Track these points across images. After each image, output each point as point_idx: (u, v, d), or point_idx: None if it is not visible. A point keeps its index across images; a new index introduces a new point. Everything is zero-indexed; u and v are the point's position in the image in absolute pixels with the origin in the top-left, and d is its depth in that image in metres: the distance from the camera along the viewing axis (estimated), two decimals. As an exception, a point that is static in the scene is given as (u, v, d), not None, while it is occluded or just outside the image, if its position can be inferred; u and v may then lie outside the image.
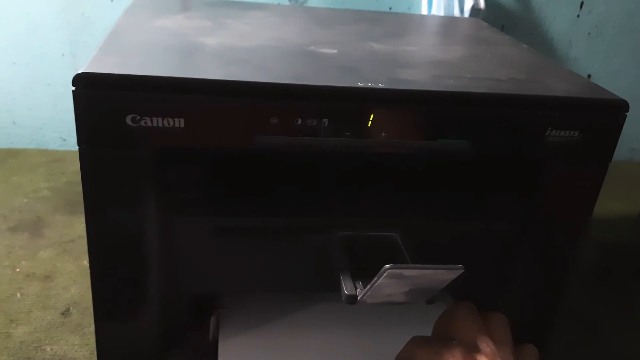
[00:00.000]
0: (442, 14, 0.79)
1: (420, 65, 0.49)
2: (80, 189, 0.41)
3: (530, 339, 0.56)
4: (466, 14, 0.75)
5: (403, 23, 0.64)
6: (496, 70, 0.49)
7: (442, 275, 0.38)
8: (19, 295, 0.58)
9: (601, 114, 0.45)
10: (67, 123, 0.88)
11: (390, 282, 0.37)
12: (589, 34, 0.92)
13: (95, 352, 0.49)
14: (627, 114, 0.46)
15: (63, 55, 0.84)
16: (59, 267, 0.63)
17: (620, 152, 1.04)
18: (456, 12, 0.76)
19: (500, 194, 0.49)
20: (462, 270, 0.38)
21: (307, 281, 0.49)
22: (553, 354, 0.58)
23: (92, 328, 0.50)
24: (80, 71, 0.38)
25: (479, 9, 0.74)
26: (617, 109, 0.45)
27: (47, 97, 0.86)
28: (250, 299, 0.55)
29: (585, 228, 0.49)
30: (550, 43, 0.91)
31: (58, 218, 0.71)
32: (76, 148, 0.40)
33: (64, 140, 0.89)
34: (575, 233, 0.49)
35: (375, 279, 0.37)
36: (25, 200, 0.74)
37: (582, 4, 0.89)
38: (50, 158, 0.85)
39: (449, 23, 0.66)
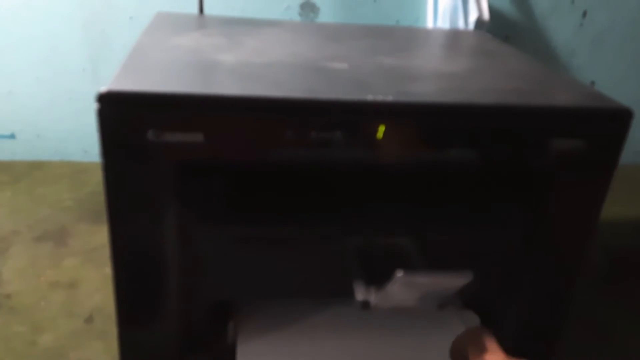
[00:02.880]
0: (447, 25, 0.81)
1: (428, 78, 0.50)
2: (102, 198, 0.44)
3: (541, 344, 0.57)
4: (471, 26, 0.76)
5: (410, 37, 0.66)
6: (501, 81, 0.51)
7: (452, 281, 0.39)
8: (43, 303, 0.61)
9: (605, 123, 0.46)
10: (89, 135, 0.91)
11: (402, 288, 0.39)
12: (592, 41, 0.93)
13: (118, 358, 0.51)
14: (631, 121, 0.46)
15: (84, 70, 0.87)
16: (83, 275, 0.65)
17: (624, 156, 1.04)
18: (461, 24, 0.78)
19: (507, 202, 0.50)
20: (471, 277, 0.40)
21: (322, 288, 0.50)
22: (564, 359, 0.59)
23: (115, 334, 0.52)
24: (103, 89, 0.40)
25: (484, 21, 0.75)
26: (621, 116, 0.46)
27: (69, 110, 0.90)
28: (267, 304, 0.57)
29: (593, 235, 0.50)
30: (553, 52, 0.92)
31: (82, 227, 0.73)
32: (98, 159, 0.42)
33: (86, 151, 0.92)
34: (582, 240, 0.50)
35: (388, 285, 0.39)
36: (50, 210, 0.77)
37: (585, 12, 0.90)
38: (73, 169, 0.88)
39: (454, 36, 0.68)
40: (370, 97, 0.43)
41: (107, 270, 0.66)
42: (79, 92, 0.88)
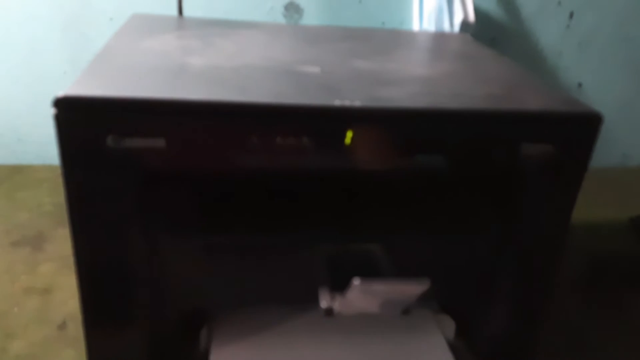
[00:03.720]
0: (433, 28, 0.80)
1: (401, 83, 0.50)
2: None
3: (515, 350, 0.56)
4: (456, 28, 0.75)
5: (391, 40, 0.65)
6: (474, 86, 0.50)
7: (410, 288, 0.39)
8: (16, 309, 0.60)
9: (575, 127, 0.45)
10: (70, 139, 0.90)
11: (361, 295, 0.38)
12: (579, 44, 0.92)
13: (88, 366, 0.50)
14: (600, 125, 0.46)
15: (65, 73, 0.86)
16: (58, 281, 0.64)
17: (612, 159, 1.04)
18: (446, 26, 0.77)
19: (478, 207, 0.50)
20: (429, 285, 0.39)
21: (290, 295, 0.50)
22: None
23: (86, 342, 0.51)
24: (60, 94, 0.39)
25: (469, 23, 0.74)
26: (590, 121, 0.45)
27: (50, 113, 0.89)
28: (240, 311, 0.56)
29: (564, 238, 0.50)
30: (540, 53, 0.92)
31: (60, 232, 0.73)
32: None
33: (67, 155, 0.91)
34: (554, 242, 0.50)
35: (347, 292, 0.38)
36: (28, 215, 0.77)
37: (571, 14, 0.89)
38: (55, 173, 0.87)
39: (436, 39, 0.67)
40: (337, 102, 0.42)
41: (83, 276, 0.65)
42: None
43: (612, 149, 1.03)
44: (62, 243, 0.71)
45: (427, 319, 0.58)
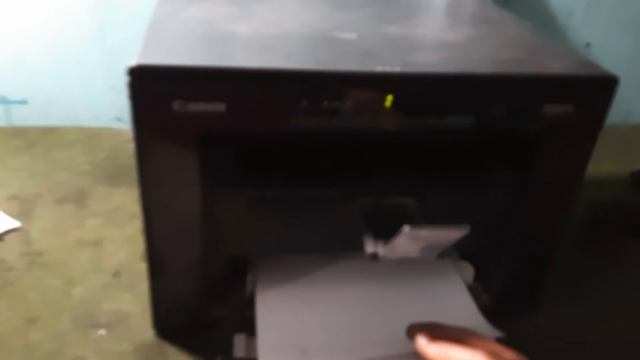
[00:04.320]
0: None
1: (432, 48, 0.54)
2: (118, 162, 0.47)
3: (525, 291, 0.63)
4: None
5: (413, 4, 0.68)
6: (500, 50, 0.54)
7: (452, 234, 0.44)
8: (72, 260, 0.65)
9: (592, 89, 0.50)
10: (98, 101, 0.94)
11: (407, 241, 0.43)
12: (588, 4, 0.95)
13: (147, 307, 0.56)
14: (616, 87, 0.50)
15: (92, 38, 0.89)
16: (106, 234, 0.70)
17: (616, 116, 1.09)
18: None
19: (501, 163, 0.54)
20: (467, 231, 0.44)
21: (335, 244, 0.55)
22: (544, 307, 0.64)
23: (142, 287, 0.57)
24: (133, 63, 0.43)
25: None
26: (606, 83, 0.50)
27: (78, 76, 0.92)
28: (282, 259, 0.62)
29: (577, 193, 0.55)
30: (552, 14, 0.95)
31: (100, 190, 0.77)
32: (109, 124, 0.46)
33: (97, 117, 0.95)
34: (568, 197, 0.55)
35: (396, 239, 0.43)
36: (67, 174, 0.81)
37: (584, -25, 0.92)
38: (86, 134, 0.91)
39: (455, 2, 0.70)
40: (379, 69, 0.46)
41: (128, 229, 0.71)
42: (87, 59, 0.91)
43: (616, 106, 1.07)
44: (104, 199, 0.76)
45: (449, 266, 0.64)
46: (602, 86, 0.50)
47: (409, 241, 0.44)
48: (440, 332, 0.47)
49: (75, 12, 0.87)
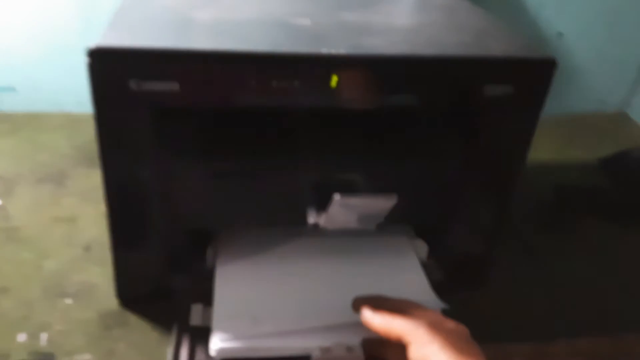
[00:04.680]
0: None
1: (382, 33, 0.56)
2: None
3: (478, 264, 0.65)
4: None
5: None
6: (448, 35, 0.57)
7: (381, 203, 0.47)
8: (46, 235, 0.69)
9: (531, 71, 0.52)
10: (82, 88, 0.96)
11: (341, 210, 0.46)
12: (561, -6, 0.97)
13: (112, 279, 0.59)
14: (555, 70, 0.52)
15: (76, 27, 0.92)
16: (81, 211, 0.73)
17: (589, 104, 1.11)
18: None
19: (447, 139, 0.57)
20: (396, 199, 0.47)
21: (283, 216, 0.58)
22: (496, 283, 0.67)
23: (110, 260, 0.60)
24: (93, 45, 0.46)
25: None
26: (545, 65, 0.52)
27: (63, 64, 0.95)
28: (242, 232, 0.65)
29: (519, 172, 0.57)
30: (523, 4, 0.97)
31: (79, 171, 0.81)
32: (91, 110, 0.49)
33: (80, 103, 0.98)
34: (510, 176, 0.58)
35: (330, 207, 0.46)
36: (49, 156, 0.84)
37: (553, -36, 0.94)
38: (69, 120, 0.95)
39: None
40: (324, 50, 0.49)
41: (102, 207, 0.73)
42: (72, 47, 0.93)
43: (589, 95, 1.10)
44: (81, 180, 0.79)
45: (404, 243, 0.67)
46: (541, 68, 0.52)
47: (343, 210, 0.46)
48: (384, 304, 0.50)
49: (61, 2, 0.90)
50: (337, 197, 0.45)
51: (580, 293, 0.68)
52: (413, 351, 0.44)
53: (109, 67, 0.47)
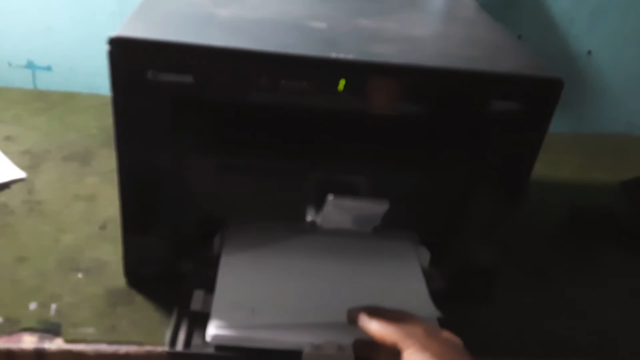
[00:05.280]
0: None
1: (395, 41, 0.57)
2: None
3: (482, 279, 0.66)
4: (468, -9, 0.81)
5: (399, 1, 0.72)
6: (459, 47, 0.58)
7: (374, 207, 0.48)
8: (66, 211, 0.72)
9: (538, 89, 0.53)
10: (115, 72, 1.01)
11: (335, 210, 0.48)
12: (592, 12, 0.96)
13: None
14: (562, 90, 0.53)
15: (113, 12, 0.96)
16: (101, 191, 0.76)
17: (616, 125, 1.09)
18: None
19: (453, 150, 0.58)
20: (388, 205, 0.48)
21: (286, 211, 0.60)
22: (502, 297, 0.67)
23: (122, 240, 0.63)
24: (113, 34, 0.49)
25: (480, -14, 0.80)
26: (553, 85, 0.53)
27: (99, 48, 0.98)
28: (249, 225, 0.67)
29: (524, 190, 0.58)
30: (552, 20, 0.96)
31: (103, 152, 0.84)
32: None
33: (112, 87, 1.02)
34: (515, 193, 0.58)
35: (324, 206, 0.48)
36: (77, 135, 0.88)
37: (586, -17, 0.94)
38: (100, 101, 0.98)
39: (442, 3, 0.74)
40: (333, 55, 0.51)
41: (122, 189, 0.77)
42: (108, 32, 0.97)
43: (617, 115, 1.08)
44: (105, 161, 0.82)
45: (408, 249, 0.68)
46: (548, 87, 0.53)
47: (337, 211, 0.48)
48: (381, 313, 0.51)
49: (99, -14, 0.94)
50: (330, 197, 0.46)
51: (587, 318, 0.67)
52: (407, 357, 0.46)
53: (128, 56, 0.50)
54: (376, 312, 0.51)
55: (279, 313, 0.57)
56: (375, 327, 0.50)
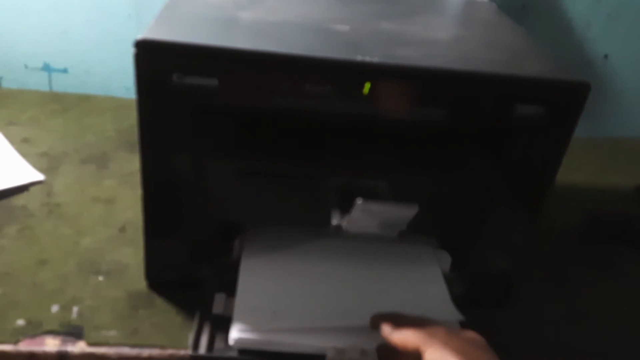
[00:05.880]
0: (463, -7, 0.86)
1: (418, 44, 0.57)
2: (140, 131, 0.53)
3: (501, 284, 0.65)
4: (487, -6, 0.81)
5: (419, 4, 0.72)
6: (482, 51, 0.57)
7: (403, 211, 0.48)
8: (85, 213, 0.72)
9: (564, 93, 0.52)
10: (131, 74, 1.00)
11: (362, 214, 0.48)
12: (608, 15, 0.96)
13: (143, 261, 0.62)
14: (588, 93, 0.52)
15: (129, 15, 0.96)
16: (119, 194, 0.76)
17: (632, 129, 1.09)
18: (477, -8, 0.82)
19: (476, 154, 0.58)
20: (416, 210, 0.48)
21: (308, 216, 0.60)
22: (521, 303, 0.67)
23: (143, 243, 0.62)
24: (140, 37, 0.49)
25: (499, -11, 0.80)
26: (579, 89, 0.52)
27: (114, 51, 1.00)
28: (269, 230, 0.67)
29: (547, 193, 0.57)
30: (568, 23, 0.96)
31: (120, 155, 0.84)
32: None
33: (128, 89, 1.02)
34: (538, 194, 0.58)
35: (352, 211, 0.48)
36: (94, 138, 0.88)
37: (603, -14, 0.93)
38: (116, 104, 0.99)
39: (461, 5, 0.73)
40: (358, 58, 0.51)
41: (140, 191, 0.77)
42: (124, 35, 0.98)
43: (633, 119, 1.08)
44: (122, 163, 0.83)
45: (428, 253, 0.67)
46: (574, 92, 0.52)
47: (364, 215, 0.48)
48: (403, 320, 0.51)
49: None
50: (359, 201, 0.46)
51: (606, 324, 0.67)
52: (427, 356, 0.46)
53: (154, 59, 0.50)
54: (397, 320, 0.51)
55: (301, 317, 0.57)
56: (397, 337, 0.50)
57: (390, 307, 0.54)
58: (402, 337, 0.49)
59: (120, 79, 1.02)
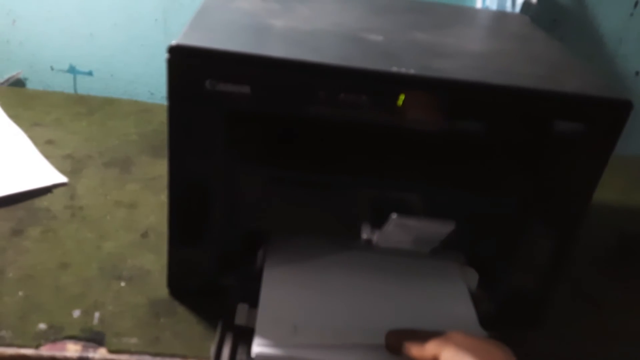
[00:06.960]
0: (494, 7, 0.85)
1: (454, 56, 0.56)
2: (163, 136, 0.53)
3: (531, 305, 0.64)
4: (518, 8, 0.80)
5: (452, 15, 0.71)
6: (520, 65, 0.56)
7: (438, 228, 0.47)
8: (108, 217, 0.72)
9: (605, 111, 0.51)
10: (155, 79, 1.01)
11: (397, 229, 0.46)
12: (641, 32, 0.94)
13: (165, 268, 0.61)
14: (630, 111, 0.51)
15: (156, 20, 0.96)
16: (142, 198, 0.76)
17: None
18: (508, 6, 0.82)
19: (510, 170, 0.56)
20: (453, 227, 0.47)
21: (337, 228, 0.58)
22: (548, 325, 0.65)
23: (165, 249, 0.61)
24: (173, 42, 0.49)
25: (531, 3, 0.79)
26: (620, 107, 0.51)
27: (140, 55, 1.00)
28: (293, 239, 0.66)
29: (584, 212, 0.56)
30: (600, 39, 0.94)
31: (143, 159, 0.84)
32: (162, 101, 0.51)
33: (152, 93, 1.02)
34: (575, 214, 0.56)
35: (386, 225, 0.46)
36: (118, 141, 0.88)
37: (636, 3, 0.91)
38: (140, 108, 0.99)
39: (494, 18, 0.72)
40: (394, 69, 0.49)
41: (162, 196, 0.76)
42: (150, 40, 0.98)
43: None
44: (145, 168, 0.82)
45: (454, 270, 0.66)
46: (616, 109, 0.51)
47: (398, 230, 0.46)
48: (418, 335, 0.50)
49: (143, -5, 0.94)
50: (394, 216, 0.45)
51: (636, 347, 0.65)
52: (444, 355, 0.45)
53: (187, 65, 0.49)
54: (413, 335, 0.50)
55: (322, 332, 0.55)
56: (415, 350, 0.49)
57: (415, 324, 0.53)
58: (419, 349, 0.48)
59: (145, 83, 1.02)
